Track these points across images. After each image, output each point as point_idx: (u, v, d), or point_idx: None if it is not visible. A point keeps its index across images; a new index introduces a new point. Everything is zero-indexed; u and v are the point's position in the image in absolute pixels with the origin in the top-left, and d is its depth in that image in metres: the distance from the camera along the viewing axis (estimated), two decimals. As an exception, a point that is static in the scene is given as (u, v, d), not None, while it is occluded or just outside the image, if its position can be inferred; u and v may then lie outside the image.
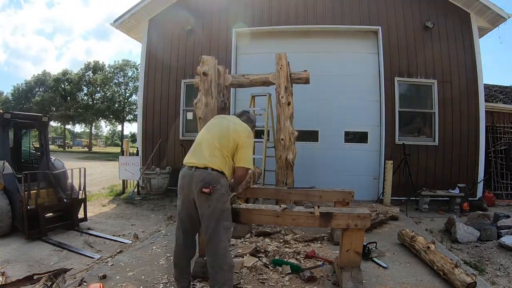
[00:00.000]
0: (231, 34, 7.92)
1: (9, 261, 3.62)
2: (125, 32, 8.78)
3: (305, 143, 7.39)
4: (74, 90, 36.23)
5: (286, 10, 7.78)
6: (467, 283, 2.73)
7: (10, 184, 4.46)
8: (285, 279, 3.03)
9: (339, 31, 7.74)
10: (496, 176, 8.19)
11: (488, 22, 7.50)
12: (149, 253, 3.73)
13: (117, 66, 37.24)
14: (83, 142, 51.86)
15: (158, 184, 7.57)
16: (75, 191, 5.13)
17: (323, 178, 7.32)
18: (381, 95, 7.38)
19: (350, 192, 4.14)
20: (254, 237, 4.29)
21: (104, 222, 5.52)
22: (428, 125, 7.55)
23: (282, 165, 5.47)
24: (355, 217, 2.79)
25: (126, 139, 16.99)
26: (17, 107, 34.77)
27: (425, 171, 7.23)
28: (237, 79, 6.09)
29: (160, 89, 8.29)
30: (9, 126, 4.92)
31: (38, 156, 5.55)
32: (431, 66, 7.40)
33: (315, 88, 7.02)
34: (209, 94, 5.48)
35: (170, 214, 6.08)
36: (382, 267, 3.37)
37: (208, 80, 5.46)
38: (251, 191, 4.41)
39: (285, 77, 5.51)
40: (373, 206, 6.00)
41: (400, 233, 4.19)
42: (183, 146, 7.88)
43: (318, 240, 4.25)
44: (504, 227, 4.60)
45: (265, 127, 6.06)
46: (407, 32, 7.47)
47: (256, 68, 6.49)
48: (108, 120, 39.79)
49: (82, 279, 2.93)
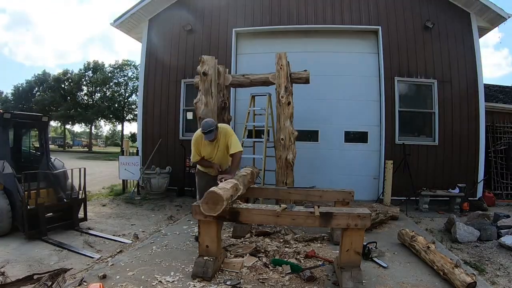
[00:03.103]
0: (231, 34, 7.92)
1: (9, 261, 3.62)
2: (125, 32, 8.78)
3: (305, 143, 7.38)
4: (74, 89, 36.24)
5: (286, 10, 7.77)
6: (467, 283, 2.73)
7: (10, 184, 4.46)
8: (285, 279, 3.02)
9: (339, 31, 7.74)
10: (496, 176, 8.19)
11: (488, 22, 7.50)
12: (149, 253, 3.73)
13: (117, 66, 37.25)
14: (83, 142, 51.84)
15: (158, 184, 7.57)
16: (75, 191, 5.12)
17: (323, 178, 7.32)
18: (381, 95, 7.38)
19: (350, 192, 4.15)
20: (254, 237, 4.29)
21: (104, 222, 5.52)
22: (428, 125, 7.55)
23: (282, 165, 5.47)
24: (355, 217, 2.79)
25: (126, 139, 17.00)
26: (17, 107, 34.77)
27: (425, 171, 7.23)
28: (237, 79, 6.10)
29: (160, 89, 8.28)
30: (9, 126, 4.91)
31: (38, 156, 5.55)
32: (431, 66, 7.40)
33: (315, 88, 7.03)
34: (209, 94, 5.49)
35: (170, 214, 6.08)
36: (382, 267, 3.36)
37: (208, 80, 5.46)
38: (251, 191, 4.41)
39: (285, 76, 5.51)
40: (373, 206, 6.00)
41: (400, 233, 4.19)
42: (183, 146, 7.88)
43: (318, 240, 4.25)
44: (504, 227, 4.61)
45: (265, 127, 6.06)
46: (407, 32, 7.46)
47: (256, 68, 6.50)
48: (108, 120, 39.82)
49: (82, 279, 2.93)
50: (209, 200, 2.77)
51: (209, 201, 2.77)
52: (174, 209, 6.50)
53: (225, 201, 2.77)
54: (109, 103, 36.43)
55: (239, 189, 3.33)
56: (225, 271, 3.16)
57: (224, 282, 2.92)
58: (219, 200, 2.75)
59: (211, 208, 2.77)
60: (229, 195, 2.90)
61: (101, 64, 37.61)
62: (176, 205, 6.83)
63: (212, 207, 2.77)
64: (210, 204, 2.77)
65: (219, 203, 2.75)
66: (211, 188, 2.84)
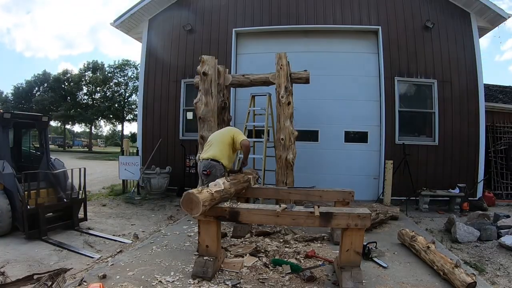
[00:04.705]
0: (231, 34, 7.92)
1: (9, 261, 3.62)
2: (125, 32, 8.78)
3: (305, 143, 7.38)
4: (74, 89, 36.24)
5: (286, 10, 7.77)
6: (467, 283, 2.73)
7: (10, 184, 4.46)
8: (285, 279, 3.02)
9: (339, 31, 7.74)
10: (496, 176, 8.18)
11: (488, 22, 7.50)
12: (149, 253, 3.73)
13: (116, 66, 37.26)
14: (83, 142, 51.82)
15: (158, 184, 7.57)
16: (75, 191, 5.12)
17: (323, 178, 7.32)
18: (381, 95, 7.38)
19: (350, 192, 4.14)
20: (254, 237, 4.29)
21: (104, 222, 5.52)
22: (428, 125, 7.55)
23: (282, 165, 5.47)
24: (355, 217, 2.79)
25: (126, 138, 17.00)
26: (17, 107, 34.77)
27: (425, 171, 7.23)
28: (237, 79, 6.10)
29: (160, 89, 8.28)
30: (9, 126, 4.91)
31: (38, 156, 5.55)
32: (431, 66, 7.40)
33: (315, 88, 7.03)
34: (209, 94, 5.49)
35: (170, 214, 6.08)
36: (382, 267, 3.36)
37: (208, 80, 5.46)
38: (251, 191, 4.41)
39: (285, 76, 5.51)
40: (373, 206, 6.00)
41: (400, 233, 4.19)
42: (183, 146, 7.88)
43: (318, 240, 4.25)
44: (504, 227, 4.60)
45: (265, 126, 6.06)
46: (407, 32, 7.47)
47: (256, 68, 6.51)
48: (108, 120, 39.81)
49: (82, 279, 2.93)
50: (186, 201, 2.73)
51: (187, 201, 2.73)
52: (174, 209, 6.50)
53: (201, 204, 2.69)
54: (109, 103, 36.41)
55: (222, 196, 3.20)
56: (225, 271, 3.15)
57: (224, 282, 2.92)
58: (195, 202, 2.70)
59: (190, 209, 2.73)
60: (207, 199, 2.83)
61: (101, 64, 37.67)
62: (176, 205, 6.82)
63: (188, 208, 2.73)
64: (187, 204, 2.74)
65: (196, 206, 2.70)
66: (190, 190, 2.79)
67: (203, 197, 2.76)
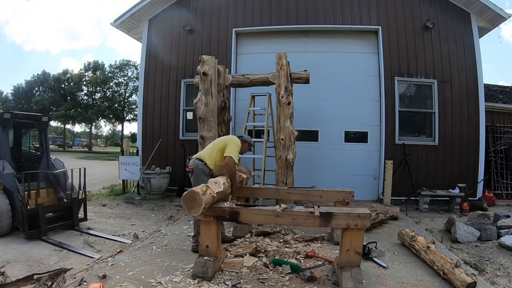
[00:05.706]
0: (231, 34, 7.92)
1: (9, 261, 3.61)
2: (125, 32, 8.78)
3: (305, 143, 7.38)
4: (74, 89, 36.24)
5: (286, 10, 7.78)
6: (467, 283, 2.73)
7: (10, 184, 4.45)
8: (285, 279, 3.02)
9: (339, 31, 7.74)
10: (496, 176, 8.18)
11: (488, 22, 7.50)
12: (149, 253, 3.73)
13: (117, 66, 37.25)
14: (83, 142, 51.82)
15: (158, 184, 7.57)
16: (75, 191, 5.12)
17: (323, 178, 7.32)
18: (381, 95, 7.38)
19: (350, 192, 4.14)
20: (254, 237, 4.29)
21: (104, 222, 5.52)
22: (428, 125, 7.55)
23: (282, 165, 5.47)
24: (355, 217, 2.79)
25: (126, 138, 17.00)
26: (17, 107, 34.76)
27: (425, 171, 7.23)
28: (237, 79, 6.10)
29: (160, 89, 8.28)
30: (9, 126, 4.91)
31: (38, 156, 5.54)
32: (431, 66, 7.40)
33: (315, 88, 7.04)
34: (209, 94, 5.48)
35: (170, 214, 6.08)
36: (382, 267, 3.36)
37: (208, 80, 5.46)
38: (251, 191, 4.41)
39: (285, 76, 5.51)
40: (373, 206, 6.00)
41: (400, 233, 4.19)
42: (183, 146, 7.88)
43: (318, 240, 4.25)
44: (504, 227, 4.60)
45: (265, 126, 6.05)
46: (407, 32, 7.47)
47: (256, 68, 6.50)
48: (108, 120, 39.80)
49: (82, 279, 2.93)
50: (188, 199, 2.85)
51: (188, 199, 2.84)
52: (174, 209, 6.50)
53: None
54: (109, 103, 36.41)
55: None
56: (225, 271, 3.16)
57: (224, 282, 2.92)
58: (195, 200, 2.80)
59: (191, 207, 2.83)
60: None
61: (101, 64, 37.67)
62: (176, 205, 6.82)
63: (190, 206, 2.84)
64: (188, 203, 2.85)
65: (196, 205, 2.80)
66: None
67: (206, 199, 2.80)
